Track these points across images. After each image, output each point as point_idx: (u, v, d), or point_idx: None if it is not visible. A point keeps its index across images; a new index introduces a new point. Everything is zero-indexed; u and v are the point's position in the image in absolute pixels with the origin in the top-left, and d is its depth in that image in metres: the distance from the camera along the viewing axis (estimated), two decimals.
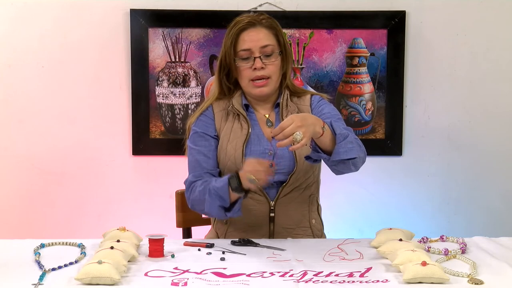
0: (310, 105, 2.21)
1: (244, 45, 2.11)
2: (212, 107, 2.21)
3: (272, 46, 2.12)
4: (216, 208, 2.03)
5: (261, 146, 2.14)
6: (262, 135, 2.17)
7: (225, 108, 2.20)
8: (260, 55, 2.10)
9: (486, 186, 3.20)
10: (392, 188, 3.19)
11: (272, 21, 2.16)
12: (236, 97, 2.19)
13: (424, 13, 3.10)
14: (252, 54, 2.10)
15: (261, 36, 2.11)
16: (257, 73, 2.10)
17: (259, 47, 2.10)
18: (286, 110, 2.17)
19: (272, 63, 2.12)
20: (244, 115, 2.16)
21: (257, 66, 2.10)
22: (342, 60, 3.12)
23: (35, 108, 3.09)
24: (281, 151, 2.10)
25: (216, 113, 2.20)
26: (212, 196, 2.02)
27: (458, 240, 2.00)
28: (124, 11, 3.05)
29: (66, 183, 3.12)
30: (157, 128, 3.12)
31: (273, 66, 2.12)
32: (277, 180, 2.13)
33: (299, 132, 1.78)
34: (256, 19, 2.13)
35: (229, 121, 2.18)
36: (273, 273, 1.70)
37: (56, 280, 1.64)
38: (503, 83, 3.15)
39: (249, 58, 2.11)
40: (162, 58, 3.09)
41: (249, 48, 2.10)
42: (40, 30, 3.06)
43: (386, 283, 1.62)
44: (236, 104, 2.17)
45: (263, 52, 2.10)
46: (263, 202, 2.14)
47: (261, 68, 2.10)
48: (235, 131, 2.15)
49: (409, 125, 3.16)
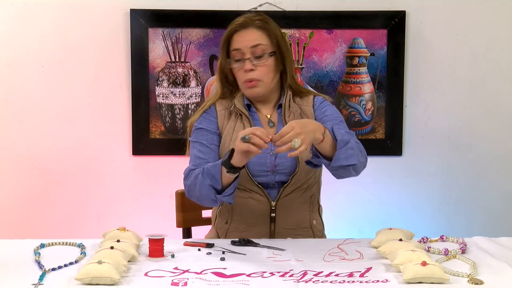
0: (313, 106, 2.21)
1: (236, 46, 2.12)
2: (214, 106, 2.21)
3: (263, 46, 2.11)
4: (206, 187, 1.99)
5: None
6: None
7: (228, 108, 2.20)
8: (250, 56, 2.10)
9: (486, 186, 3.20)
10: (392, 188, 3.19)
11: (265, 22, 2.14)
12: (238, 97, 2.19)
13: (424, 13, 3.10)
14: (243, 56, 2.10)
15: (251, 37, 2.11)
16: (247, 75, 2.11)
17: (248, 47, 2.10)
18: (289, 111, 2.17)
19: (263, 65, 2.11)
20: (247, 115, 2.16)
21: (246, 68, 2.10)
22: (342, 60, 3.12)
23: (35, 108, 3.09)
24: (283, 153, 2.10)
25: (219, 111, 2.20)
26: (204, 175, 2.00)
27: (458, 240, 2.00)
28: (124, 11, 3.05)
29: (66, 183, 3.12)
30: (157, 128, 3.12)
31: (264, 68, 2.11)
32: (278, 180, 2.13)
33: (297, 139, 1.79)
34: (248, 20, 2.13)
35: (231, 120, 2.17)
36: (273, 273, 1.70)
37: (56, 280, 1.64)
38: (503, 83, 3.15)
39: (241, 60, 2.11)
40: (162, 58, 3.09)
41: (239, 48, 2.11)
42: (40, 30, 3.06)
43: (386, 283, 1.62)
44: (238, 104, 2.17)
45: (253, 53, 2.10)
46: (264, 202, 2.14)
47: (250, 70, 2.10)
48: (238, 130, 2.14)
49: (409, 125, 3.16)
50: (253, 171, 2.12)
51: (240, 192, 2.13)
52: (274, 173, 2.13)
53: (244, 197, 2.14)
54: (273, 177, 2.13)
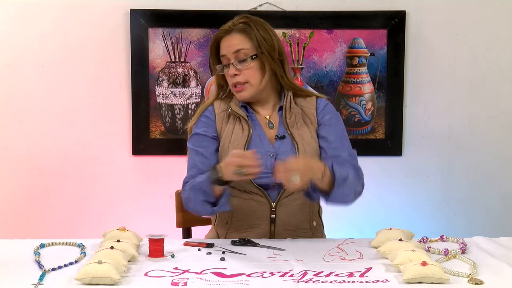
0: (316, 109, 2.20)
1: (221, 52, 2.14)
2: (213, 107, 2.21)
3: (245, 50, 2.10)
4: (200, 203, 2.02)
5: (263, 148, 2.12)
6: (264, 136, 2.15)
7: (226, 110, 2.19)
8: (234, 61, 2.10)
9: (486, 186, 3.20)
10: (392, 188, 3.19)
11: (247, 25, 2.11)
12: (235, 99, 2.18)
13: (424, 13, 3.10)
14: (229, 61, 2.12)
15: (233, 42, 2.11)
16: (234, 80, 2.11)
17: (231, 52, 2.10)
18: (290, 112, 2.16)
19: (247, 68, 2.10)
20: (244, 117, 2.15)
21: (230, 73, 2.11)
22: (342, 60, 3.12)
23: (35, 108, 3.09)
24: (284, 154, 2.10)
25: (217, 114, 2.19)
26: (195, 191, 2.02)
27: (458, 240, 2.00)
28: (124, 11, 3.05)
29: (66, 183, 3.12)
30: (157, 128, 3.12)
31: (248, 71, 2.10)
32: (279, 181, 2.13)
33: (297, 175, 1.83)
34: (231, 25, 2.13)
35: (230, 122, 2.17)
36: (273, 273, 1.70)
37: (56, 280, 1.64)
38: (503, 83, 3.15)
39: (226, 66, 2.13)
40: (162, 58, 3.09)
41: (224, 54, 2.13)
42: (40, 30, 3.06)
43: (386, 283, 1.62)
44: (234, 106, 2.16)
45: (237, 58, 2.10)
46: (264, 203, 2.14)
47: (234, 75, 2.11)
48: (236, 132, 2.14)
49: (409, 125, 3.16)
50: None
51: (240, 193, 2.13)
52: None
53: (244, 198, 2.14)
54: (273, 178, 2.12)
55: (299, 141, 2.12)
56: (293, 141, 2.12)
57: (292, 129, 2.14)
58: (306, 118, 2.18)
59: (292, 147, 2.12)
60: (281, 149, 2.12)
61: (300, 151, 2.11)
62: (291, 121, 2.15)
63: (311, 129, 2.16)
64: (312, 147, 2.13)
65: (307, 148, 2.12)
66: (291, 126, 2.14)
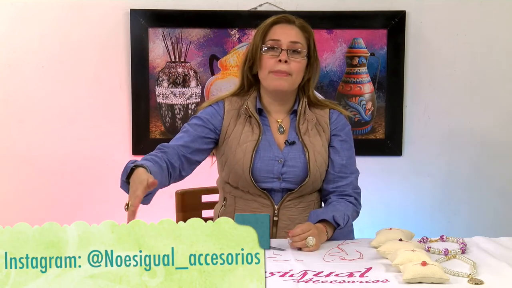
0: (329, 119, 2.18)
1: (275, 36, 2.08)
2: (224, 103, 2.16)
3: (301, 45, 2.09)
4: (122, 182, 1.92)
5: (271, 153, 2.10)
6: (273, 141, 2.12)
7: (237, 108, 2.14)
8: (287, 49, 2.07)
9: (486, 186, 3.20)
10: (392, 188, 3.19)
11: (307, 27, 2.13)
12: (252, 98, 2.14)
13: (424, 13, 3.10)
14: (280, 46, 2.07)
15: (293, 32, 2.09)
16: (279, 66, 2.06)
17: (288, 41, 2.07)
18: (303, 117, 2.14)
19: (298, 62, 2.07)
20: (257, 118, 2.11)
21: (282, 58, 2.05)
22: (342, 60, 3.12)
23: (35, 108, 3.09)
24: (292, 161, 2.09)
25: (227, 111, 2.14)
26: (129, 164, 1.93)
27: (458, 240, 2.00)
28: (124, 11, 3.05)
29: (66, 183, 3.12)
30: (157, 128, 3.12)
31: (297, 64, 2.07)
32: (284, 187, 2.12)
33: (312, 237, 1.90)
34: (292, 18, 2.12)
35: (239, 123, 2.12)
36: (273, 273, 1.70)
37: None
38: (503, 83, 3.15)
39: (276, 49, 2.07)
40: (162, 58, 3.09)
41: (279, 39, 2.07)
42: (40, 30, 3.06)
43: (386, 283, 1.62)
44: (250, 105, 2.12)
45: (291, 47, 2.07)
46: (267, 206, 2.13)
47: (285, 61, 2.05)
48: (246, 134, 2.10)
49: (409, 125, 3.16)
50: (258, 177, 2.09)
51: (244, 195, 2.13)
52: (280, 180, 2.11)
53: (248, 199, 2.13)
54: (278, 184, 2.11)
55: (310, 149, 2.10)
56: (303, 148, 2.11)
57: (304, 136, 2.12)
58: (319, 126, 2.16)
59: (301, 154, 2.10)
60: (289, 155, 2.10)
61: (310, 160, 2.09)
62: (303, 128, 2.13)
63: (323, 139, 2.14)
64: (322, 157, 2.12)
65: (317, 157, 2.11)
66: (303, 133, 2.12)
